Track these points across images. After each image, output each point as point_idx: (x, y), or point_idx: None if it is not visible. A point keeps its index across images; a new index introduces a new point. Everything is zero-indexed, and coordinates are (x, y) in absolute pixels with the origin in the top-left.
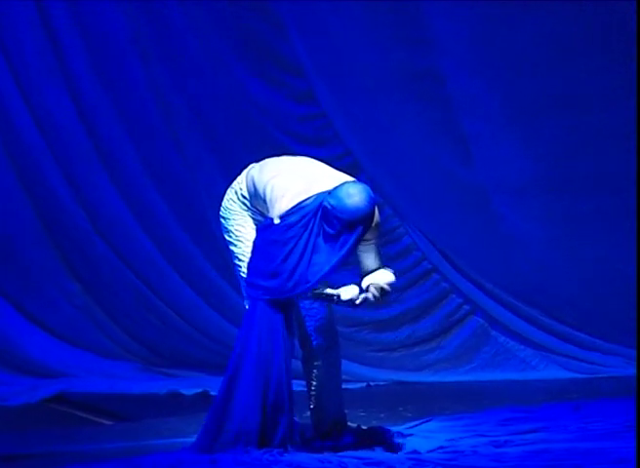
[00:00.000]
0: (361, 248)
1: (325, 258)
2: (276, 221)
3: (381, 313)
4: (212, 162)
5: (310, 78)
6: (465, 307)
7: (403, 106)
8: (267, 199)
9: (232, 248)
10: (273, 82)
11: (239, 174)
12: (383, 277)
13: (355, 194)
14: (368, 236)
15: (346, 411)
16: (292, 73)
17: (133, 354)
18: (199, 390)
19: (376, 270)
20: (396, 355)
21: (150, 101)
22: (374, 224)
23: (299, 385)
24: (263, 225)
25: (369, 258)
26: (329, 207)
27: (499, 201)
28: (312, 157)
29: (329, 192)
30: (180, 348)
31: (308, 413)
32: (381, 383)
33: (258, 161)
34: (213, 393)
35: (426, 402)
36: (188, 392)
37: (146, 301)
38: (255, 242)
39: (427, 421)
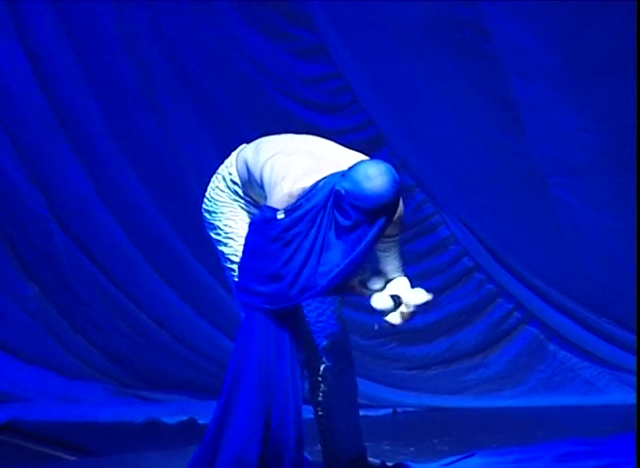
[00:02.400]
0: (380, 246)
1: (337, 257)
2: (280, 216)
3: (413, 321)
4: (200, 134)
5: (322, 29)
6: (516, 315)
7: (438, 65)
8: (265, 182)
9: (222, 248)
10: (276, 34)
11: (228, 155)
12: (416, 296)
13: (376, 176)
14: (390, 231)
15: (367, 445)
16: (299, 23)
17: (102, 373)
18: (184, 418)
19: (397, 278)
20: (430, 374)
21: (123, 58)
22: (397, 216)
23: (311, 412)
24: (262, 219)
25: (390, 262)
26: (342, 192)
27: (556, 183)
28: (324, 129)
29: (342, 174)
30: (162, 366)
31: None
32: (411, 409)
33: (256, 134)
34: (201, 421)
35: (467, 432)
36: (171, 420)
37: (119, 307)
38: (248, 237)
39: (469, 457)
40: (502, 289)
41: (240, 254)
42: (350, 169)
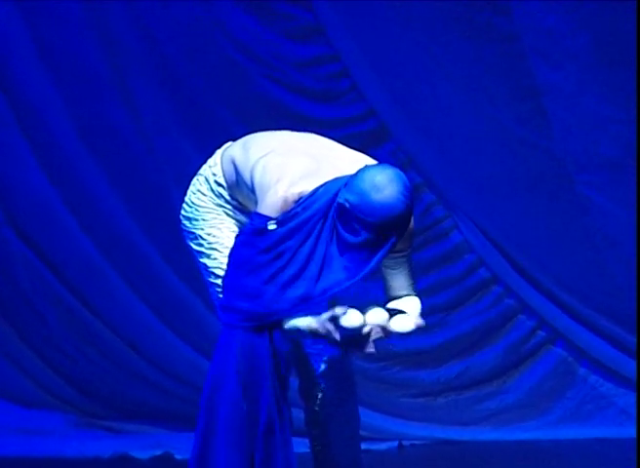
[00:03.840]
0: (387, 263)
1: (341, 275)
2: (271, 227)
3: (420, 341)
4: (177, 127)
5: (317, 6)
6: (540, 333)
7: (450, 47)
8: (256, 184)
9: (204, 260)
10: (265, 12)
11: (210, 152)
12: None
13: (385, 185)
14: (400, 245)
15: None
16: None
17: (65, 402)
18: (158, 452)
19: (406, 297)
20: (441, 402)
21: (89, 39)
22: (408, 231)
23: (306, 446)
24: (251, 229)
25: (398, 278)
26: (347, 206)
27: (585, 181)
28: (319, 120)
29: (345, 183)
30: (133, 394)
31: None
32: (419, 442)
33: (241, 127)
34: (179, 456)
35: None
36: (143, 455)
37: (85, 327)
38: (235, 250)
39: None
40: (524, 304)
41: (225, 267)
42: (354, 178)
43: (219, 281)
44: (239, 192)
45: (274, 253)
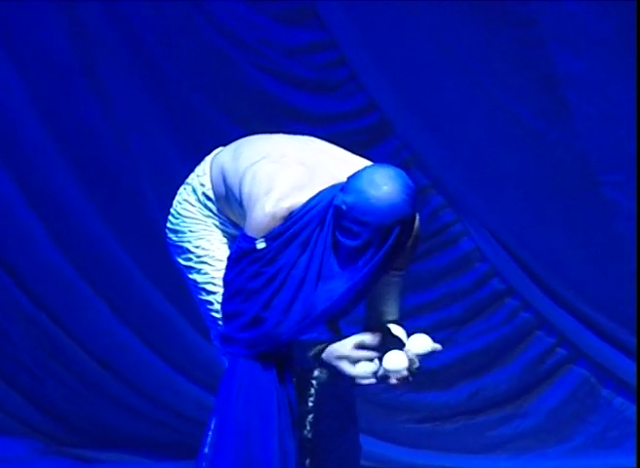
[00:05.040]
0: (382, 281)
1: (341, 286)
2: (260, 246)
3: (426, 360)
4: (153, 121)
5: None
6: (561, 351)
7: (462, 32)
8: (244, 197)
9: (194, 276)
10: None
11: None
12: (420, 343)
13: (384, 182)
14: (399, 261)
15: None
16: None
17: (30, 427)
18: None
19: (393, 324)
20: (449, 428)
21: (55, 23)
22: (410, 244)
23: None
24: (239, 251)
25: (389, 302)
26: (344, 207)
27: (611, 181)
28: (313, 113)
29: (342, 187)
30: (106, 418)
31: None
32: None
33: (225, 121)
34: None
35: None
36: None
37: (51, 344)
38: (226, 276)
39: None
40: (542, 318)
41: (218, 282)
42: (351, 178)
43: (211, 297)
44: (228, 206)
45: (267, 276)
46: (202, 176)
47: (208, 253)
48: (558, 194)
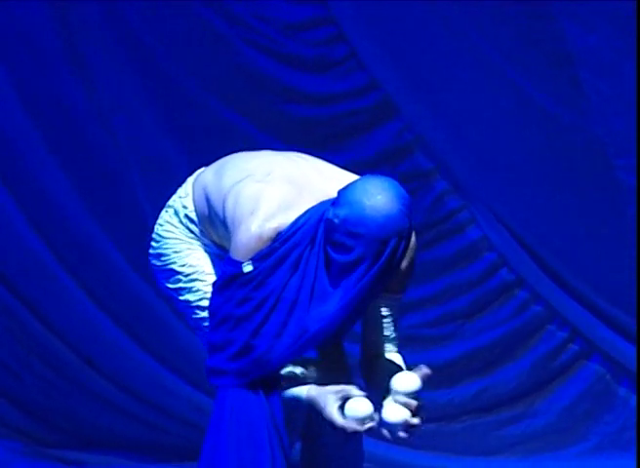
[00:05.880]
0: (377, 306)
1: (334, 306)
2: (246, 269)
3: (431, 356)
4: (139, 105)
5: None
6: (573, 347)
7: (468, 7)
8: (228, 218)
9: (186, 296)
10: None
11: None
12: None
13: (378, 192)
14: (395, 283)
15: None
16: None
17: (9, 427)
18: None
19: (393, 354)
20: (456, 427)
21: (39, 6)
22: (407, 263)
23: None
24: (226, 278)
25: (388, 328)
26: (336, 221)
27: (627, 166)
28: (311, 94)
29: (333, 201)
30: (90, 418)
31: None
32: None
33: (217, 104)
34: None
35: None
36: None
37: (31, 337)
38: (211, 304)
39: None
40: (554, 311)
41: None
42: (342, 190)
43: (206, 313)
44: (212, 228)
45: (257, 301)
46: (184, 198)
47: (196, 269)
48: (570, 179)
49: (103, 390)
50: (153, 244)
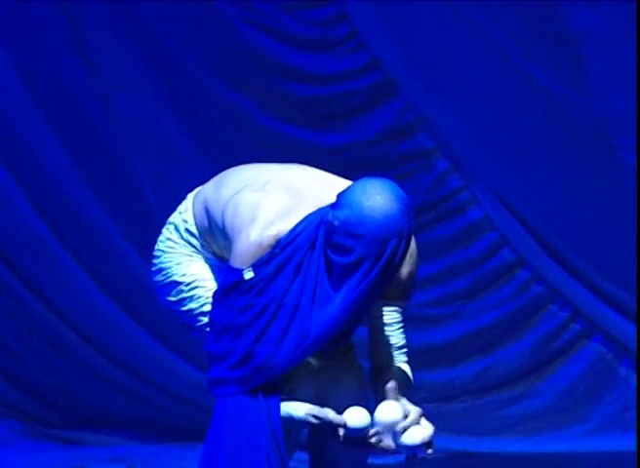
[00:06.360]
0: (379, 316)
1: (335, 309)
2: (247, 276)
3: (432, 336)
4: (140, 84)
5: None
6: (575, 327)
7: None
8: (227, 227)
9: (189, 306)
10: None
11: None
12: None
13: (377, 192)
14: (394, 291)
15: None
16: None
17: (9, 406)
18: (120, 467)
19: (399, 365)
20: (456, 407)
21: None
22: (409, 270)
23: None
24: (227, 286)
25: (394, 338)
26: (336, 223)
27: (627, 146)
28: (311, 74)
29: (332, 205)
30: (90, 396)
31: None
32: (431, 455)
33: (217, 84)
34: None
35: None
36: None
37: (32, 317)
38: (212, 313)
39: None
40: (555, 291)
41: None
42: (341, 193)
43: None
44: (212, 239)
45: (258, 308)
46: (184, 213)
47: (197, 277)
48: (572, 159)
49: (104, 369)
50: (154, 261)
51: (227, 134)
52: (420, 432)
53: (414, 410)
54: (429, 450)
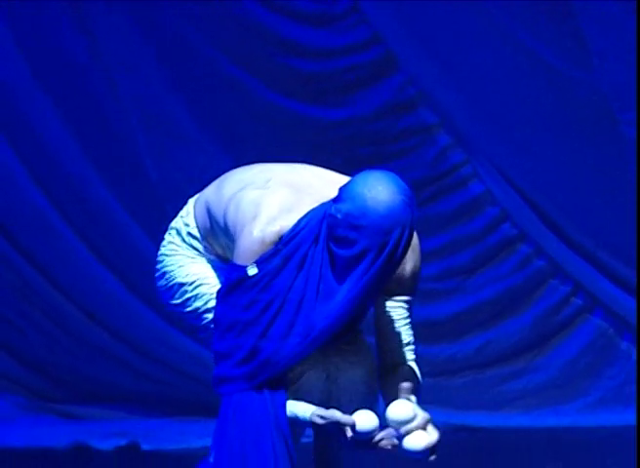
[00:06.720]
0: (385, 310)
1: (340, 302)
2: (251, 272)
3: (433, 310)
4: (143, 57)
5: None
6: (576, 301)
7: None
8: (230, 225)
9: (194, 305)
10: None
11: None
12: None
13: (379, 183)
14: (403, 286)
15: None
16: None
17: (11, 381)
18: (122, 441)
19: (405, 364)
20: (457, 382)
21: None
22: (412, 265)
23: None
24: (231, 283)
25: (402, 335)
26: (339, 216)
27: (629, 120)
28: (313, 48)
29: (334, 199)
30: (93, 372)
31: None
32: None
33: (220, 57)
34: (146, 446)
35: (510, 461)
36: (104, 444)
37: (33, 292)
38: (217, 311)
39: None
40: (557, 266)
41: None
42: (344, 186)
43: (211, 315)
44: (215, 240)
45: (263, 304)
46: (185, 217)
47: (199, 275)
48: (574, 134)
49: (106, 345)
50: (158, 266)
51: (229, 109)
52: (424, 438)
53: (421, 415)
54: (432, 457)
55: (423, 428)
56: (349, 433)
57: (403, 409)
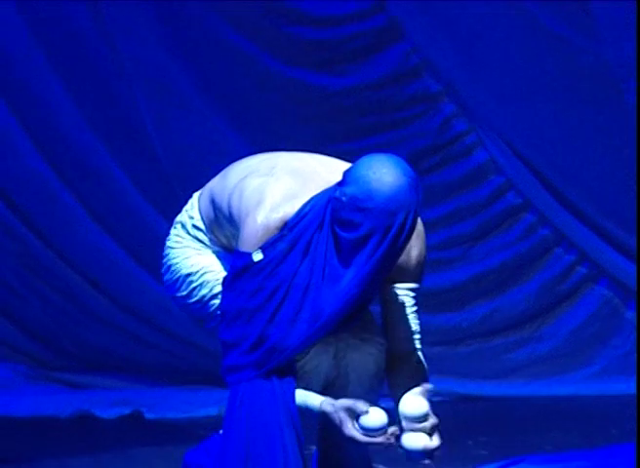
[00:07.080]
0: (391, 299)
1: (346, 286)
2: (256, 258)
3: (438, 279)
4: (145, 26)
5: None
6: (581, 270)
7: None
8: (234, 213)
9: (201, 293)
10: None
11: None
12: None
13: (384, 165)
14: (409, 273)
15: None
16: None
17: (15, 350)
18: (126, 410)
19: (411, 353)
20: (462, 351)
21: None
22: (418, 251)
23: None
24: (236, 271)
25: (408, 323)
26: (343, 199)
27: (634, 89)
28: (315, 16)
29: (339, 182)
30: (95, 341)
31: None
32: (437, 399)
33: (223, 25)
34: (149, 415)
35: (513, 430)
36: (108, 413)
37: (36, 260)
38: (223, 299)
39: (515, 464)
40: (561, 234)
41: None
42: (347, 170)
43: (218, 301)
44: (219, 230)
45: (269, 291)
46: (190, 210)
47: (204, 264)
48: (578, 102)
49: (110, 313)
50: (164, 260)
51: (231, 76)
52: (424, 440)
53: (431, 420)
54: (427, 461)
55: (429, 433)
56: (355, 425)
57: (419, 405)
